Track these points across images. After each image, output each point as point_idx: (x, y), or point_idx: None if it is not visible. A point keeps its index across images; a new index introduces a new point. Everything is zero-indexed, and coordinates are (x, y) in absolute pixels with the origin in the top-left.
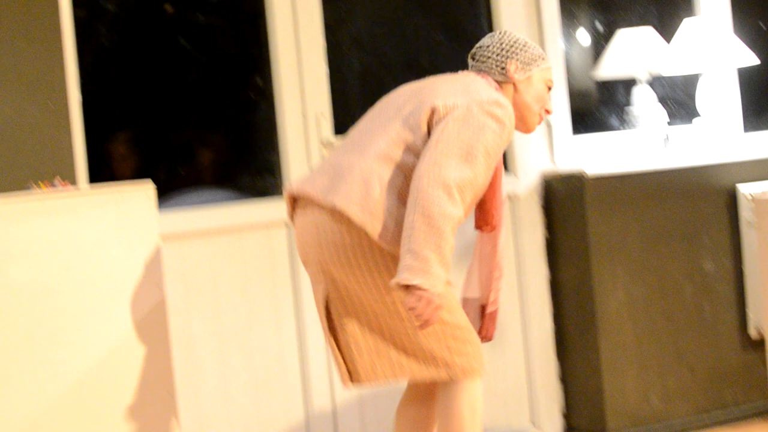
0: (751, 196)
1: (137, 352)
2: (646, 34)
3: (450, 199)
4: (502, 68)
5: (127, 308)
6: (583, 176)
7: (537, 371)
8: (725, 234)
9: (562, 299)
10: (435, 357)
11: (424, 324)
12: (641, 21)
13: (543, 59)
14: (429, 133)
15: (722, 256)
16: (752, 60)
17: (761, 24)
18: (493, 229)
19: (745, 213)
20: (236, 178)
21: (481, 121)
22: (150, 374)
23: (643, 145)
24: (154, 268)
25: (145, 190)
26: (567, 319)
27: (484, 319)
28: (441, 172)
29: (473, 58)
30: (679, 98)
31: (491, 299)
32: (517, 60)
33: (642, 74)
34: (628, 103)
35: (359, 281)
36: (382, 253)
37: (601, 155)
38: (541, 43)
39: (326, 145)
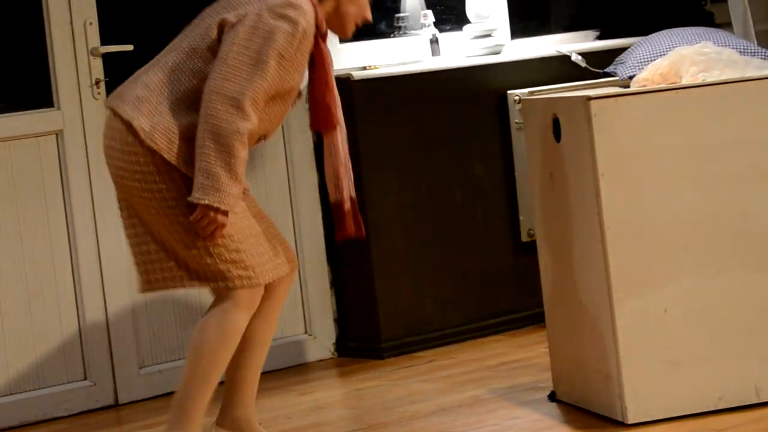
0: (519, 98)
1: None
2: None
3: (239, 113)
4: None
5: None
6: (350, 79)
7: (310, 279)
8: (495, 138)
9: None
10: (207, 269)
11: (207, 238)
12: None
13: None
14: (219, 42)
15: (493, 161)
16: None
17: None
18: (334, 127)
19: (515, 117)
20: (4, 88)
21: (271, 25)
22: None
23: (412, 49)
24: None
25: None
26: None
27: (343, 217)
28: (230, 86)
29: None
30: (448, 3)
31: (345, 197)
32: None
33: None
34: (397, 9)
35: (131, 187)
36: (149, 159)
37: (369, 60)
38: None
39: (95, 54)
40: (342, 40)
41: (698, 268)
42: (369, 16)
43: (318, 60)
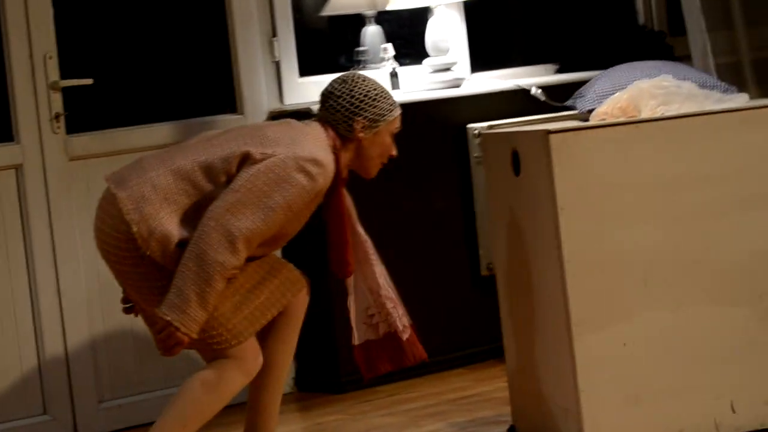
0: (478, 131)
1: None
2: None
3: (231, 248)
4: (349, 125)
5: None
6: (310, 114)
7: None
8: (454, 172)
9: (291, 242)
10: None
11: (163, 352)
12: None
13: (391, 111)
14: (237, 171)
15: (452, 194)
16: None
17: None
18: (349, 275)
19: (474, 151)
20: None
21: (290, 175)
22: None
23: None
24: None
25: None
26: (297, 261)
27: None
28: (231, 220)
29: (323, 103)
30: (408, 37)
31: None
32: (365, 118)
33: (369, 10)
34: (357, 42)
35: (119, 270)
36: (139, 251)
37: None
38: None
39: (55, 88)
40: (302, 74)
41: (658, 301)
42: (394, 152)
43: (334, 207)
